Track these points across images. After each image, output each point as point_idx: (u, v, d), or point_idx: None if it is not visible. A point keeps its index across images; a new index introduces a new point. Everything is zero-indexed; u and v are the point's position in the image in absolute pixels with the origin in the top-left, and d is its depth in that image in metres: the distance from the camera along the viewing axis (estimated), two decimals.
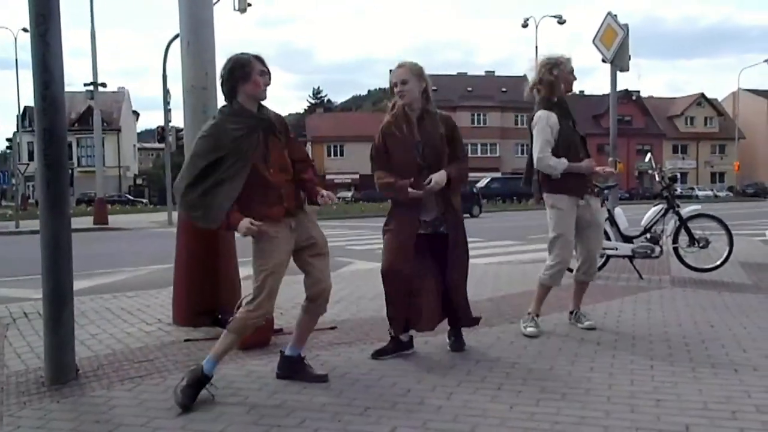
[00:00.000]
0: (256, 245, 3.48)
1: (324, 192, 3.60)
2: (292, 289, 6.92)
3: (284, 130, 3.61)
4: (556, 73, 4.63)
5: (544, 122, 4.63)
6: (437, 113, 4.14)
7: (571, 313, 5.01)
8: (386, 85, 4.17)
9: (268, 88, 3.51)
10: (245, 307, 3.46)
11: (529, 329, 4.67)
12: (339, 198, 55.43)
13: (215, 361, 3.43)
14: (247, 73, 3.41)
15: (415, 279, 4.10)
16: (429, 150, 4.04)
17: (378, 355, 4.12)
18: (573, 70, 4.74)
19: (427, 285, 4.16)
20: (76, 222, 3.73)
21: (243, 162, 3.38)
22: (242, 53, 3.47)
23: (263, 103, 3.55)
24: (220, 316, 4.82)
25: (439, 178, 3.97)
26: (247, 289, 4.96)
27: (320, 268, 3.65)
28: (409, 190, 3.96)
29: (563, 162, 4.60)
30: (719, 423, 2.96)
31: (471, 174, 5.26)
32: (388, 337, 4.20)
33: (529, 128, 4.81)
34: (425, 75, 4.11)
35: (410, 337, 4.24)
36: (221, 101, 3.63)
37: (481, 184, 35.29)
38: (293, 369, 3.71)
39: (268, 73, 3.50)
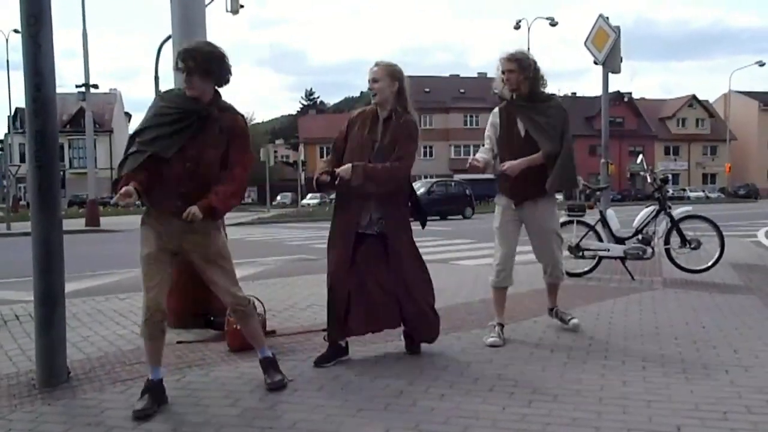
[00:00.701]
0: (141, 231, 3.46)
1: (191, 209, 3.27)
2: (284, 291, 6.95)
3: (230, 134, 3.43)
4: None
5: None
6: (406, 118, 4.06)
7: (551, 310, 5.02)
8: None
9: (192, 88, 3.36)
10: None
11: (490, 339, 4.49)
12: (330, 200, 55.37)
13: (151, 365, 3.39)
14: (176, 64, 3.39)
15: (357, 284, 4.04)
16: (381, 152, 4.00)
17: (320, 363, 4.01)
18: (503, 70, 4.57)
19: (367, 289, 4.07)
20: (68, 224, 3.71)
21: (154, 147, 3.29)
22: (188, 42, 3.46)
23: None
24: (212, 318, 4.82)
25: (343, 171, 3.91)
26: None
27: (211, 279, 3.49)
28: (318, 176, 4.08)
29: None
30: (710, 424, 2.98)
31: (463, 176, 5.27)
32: (381, 339, 4.18)
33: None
34: (401, 76, 4.07)
35: (346, 342, 4.15)
36: None
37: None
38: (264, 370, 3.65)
39: (186, 71, 3.33)
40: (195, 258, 3.46)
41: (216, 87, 3.45)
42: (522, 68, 4.50)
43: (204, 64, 3.33)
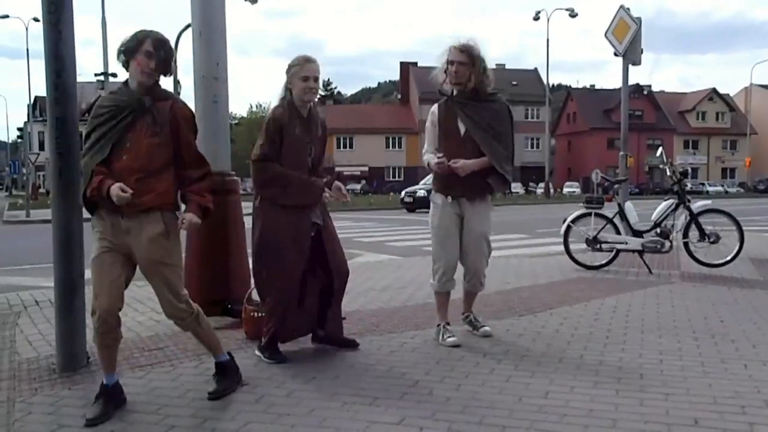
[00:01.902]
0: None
1: (188, 218, 3.23)
2: None
3: (172, 124, 3.23)
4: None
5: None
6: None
7: (465, 316, 4.61)
8: (397, 77, 4.13)
9: (150, 74, 3.18)
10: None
11: (449, 339, 4.23)
12: (348, 190, 55.40)
13: (105, 372, 3.21)
14: (135, 48, 3.15)
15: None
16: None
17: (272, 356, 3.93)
18: (451, 60, 4.18)
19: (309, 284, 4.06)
20: (87, 211, 3.76)
21: (93, 150, 3.15)
22: (149, 30, 3.22)
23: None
24: (229, 306, 4.84)
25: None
26: None
27: (153, 284, 3.28)
28: None
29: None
30: (728, 417, 2.95)
31: None
32: (396, 329, 4.19)
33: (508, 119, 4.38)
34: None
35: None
36: (233, 92, 3.54)
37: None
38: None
39: (156, 58, 3.16)
40: (137, 260, 3.22)
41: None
42: (473, 61, 4.15)
43: (168, 58, 3.23)
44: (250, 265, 5.25)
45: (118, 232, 3.17)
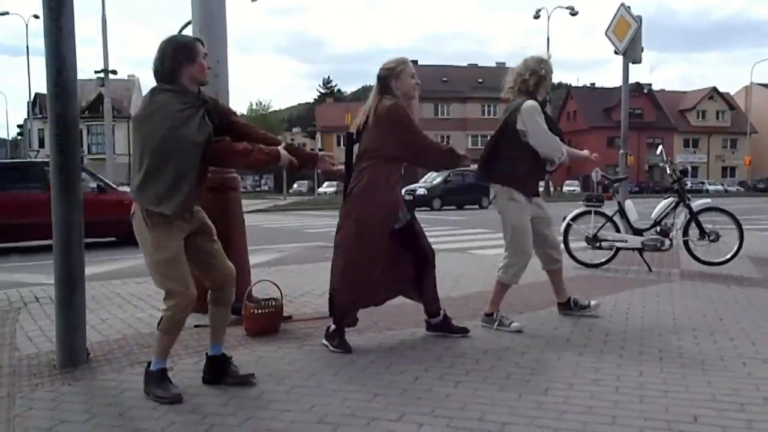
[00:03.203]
0: (152, 232, 3.22)
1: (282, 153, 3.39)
2: (300, 277, 6.98)
3: (221, 112, 3.50)
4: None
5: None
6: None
7: (568, 301, 5.07)
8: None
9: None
10: (164, 304, 3.25)
11: (513, 324, 4.55)
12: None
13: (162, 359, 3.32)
14: (192, 54, 3.29)
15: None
16: None
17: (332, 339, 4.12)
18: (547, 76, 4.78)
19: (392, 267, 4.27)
20: None
21: (193, 146, 3.22)
22: (183, 35, 3.40)
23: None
24: None
25: None
26: (256, 276, 5.00)
27: (217, 253, 3.47)
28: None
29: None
30: (727, 415, 2.96)
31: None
32: (397, 326, 4.20)
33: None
34: None
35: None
36: (233, 89, 3.60)
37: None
38: (218, 371, 3.46)
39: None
40: (205, 237, 3.42)
41: None
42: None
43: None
44: (250, 263, 5.28)
45: (191, 221, 3.36)
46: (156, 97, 3.24)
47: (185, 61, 3.27)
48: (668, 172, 7.63)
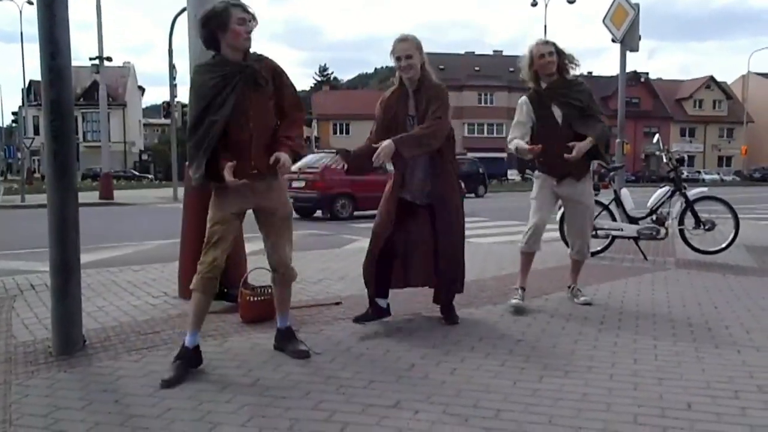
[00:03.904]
0: (213, 195, 3.51)
1: (282, 158, 3.34)
2: (296, 265, 6.96)
3: (273, 77, 3.47)
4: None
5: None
6: (434, 83, 4.18)
7: (569, 287, 5.21)
8: (393, 63, 4.17)
9: (253, 33, 3.38)
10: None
11: (512, 302, 4.80)
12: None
13: (194, 329, 3.46)
14: (223, 22, 3.30)
15: (401, 243, 4.29)
16: (420, 124, 4.11)
17: (358, 320, 4.28)
18: (541, 53, 4.71)
19: (417, 248, 4.34)
20: (82, 197, 3.78)
21: (217, 116, 3.35)
22: (221, 2, 3.36)
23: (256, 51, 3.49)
24: (226, 290, 4.84)
25: (385, 149, 3.91)
26: (253, 263, 4.99)
27: (274, 237, 3.59)
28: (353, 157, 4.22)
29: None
30: (721, 402, 2.98)
31: (476, 154, 5.36)
32: (397, 311, 4.21)
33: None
34: (422, 46, 4.19)
35: (388, 304, 4.34)
36: None
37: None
38: (282, 340, 3.76)
39: (252, 19, 3.36)
40: (268, 217, 3.56)
41: None
42: (558, 52, 4.68)
43: (249, 7, 3.40)
44: (246, 250, 5.27)
45: (247, 194, 3.46)
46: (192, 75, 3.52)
47: (218, 29, 3.33)
48: (664, 161, 7.63)
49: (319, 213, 15.60)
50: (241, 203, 3.50)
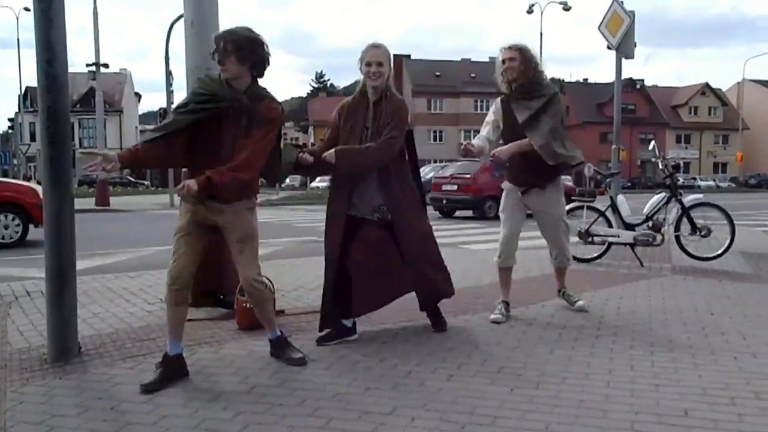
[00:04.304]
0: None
1: (187, 182, 3.28)
2: (293, 272, 6.97)
3: (260, 122, 3.43)
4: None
5: None
6: (396, 97, 4.08)
7: (559, 291, 5.15)
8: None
9: (234, 73, 3.42)
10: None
11: (492, 316, 4.68)
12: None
13: (172, 339, 3.47)
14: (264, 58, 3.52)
15: (353, 264, 4.09)
16: (375, 137, 3.99)
17: (321, 341, 4.07)
18: (503, 59, 4.60)
19: (380, 266, 4.15)
20: (78, 203, 3.77)
21: (195, 111, 3.43)
22: (221, 31, 3.52)
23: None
24: (222, 297, 4.84)
25: (328, 155, 3.92)
26: None
27: (235, 256, 3.56)
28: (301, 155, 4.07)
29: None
30: (718, 408, 2.98)
31: (473, 160, 5.33)
32: (389, 321, 4.20)
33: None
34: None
35: (354, 322, 4.20)
36: None
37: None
38: (276, 350, 3.75)
39: (225, 58, 3.41)
40: (226, 235, 3.53)
41: (254, 75, 3.49)
42: (523, 57, 4.52)
43: (240, 48, 3.36)
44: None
45: (207, 210, 3.45)
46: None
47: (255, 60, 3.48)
48: (660, 167, 7.64)
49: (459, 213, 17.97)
50: (201, 216, 3.47)
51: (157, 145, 3.41)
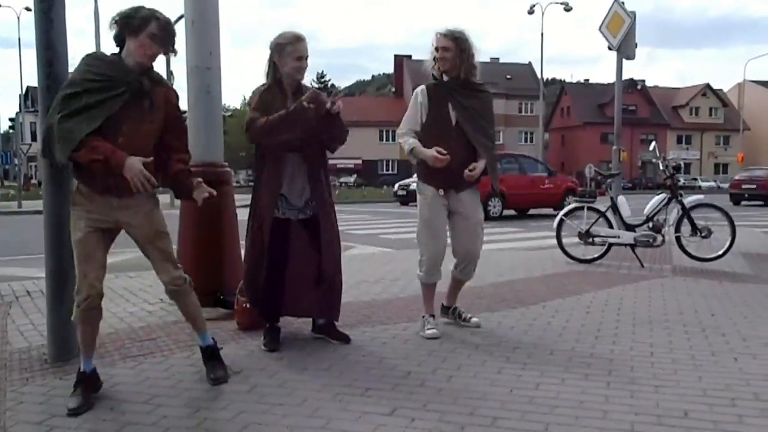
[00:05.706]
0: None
1: (205, 188, 3.29)
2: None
3: (165, 105, 3.21)
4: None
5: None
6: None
7: (448, 309, 4.64)
8: (391, 70, 4.07)
9: (152, 58, 3.12)
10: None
11: (428, 331, 4.23)
12: (341, 183, 55.19)
13: (85, 357, 3.21)
14: (138, 27, 3.04)
15: (287, 268, 4.04)
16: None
17: (266, 346, 3.98)
18: (436, 47, 4.19)
19: (303, 272, 4.07)
20: None
21: (91, 106, 2.99)
22: (152, 9, 3.09)
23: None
24: (222, 297, 4.84)
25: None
26: None
27: (155, 257, 3.27)
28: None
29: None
30: (718, 410, 2.97)
31: None
32: (388, 321, 4.20)
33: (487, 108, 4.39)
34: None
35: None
36: (226, 83, 3.50)
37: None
38: (204, 361, 3.44)
39: (164, 45, 3.11)
40: (133, 234, 3.25)
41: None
42: (459, 47, 4.13)
43: (173, 41, 3.18)
44: (243, 256, 5.26)
45: (104, 210, 3.14)
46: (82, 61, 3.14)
47: (131, 32, 3.06)
48: (661, 168, 7.65)
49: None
50: (95, 220, 3.15)
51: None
